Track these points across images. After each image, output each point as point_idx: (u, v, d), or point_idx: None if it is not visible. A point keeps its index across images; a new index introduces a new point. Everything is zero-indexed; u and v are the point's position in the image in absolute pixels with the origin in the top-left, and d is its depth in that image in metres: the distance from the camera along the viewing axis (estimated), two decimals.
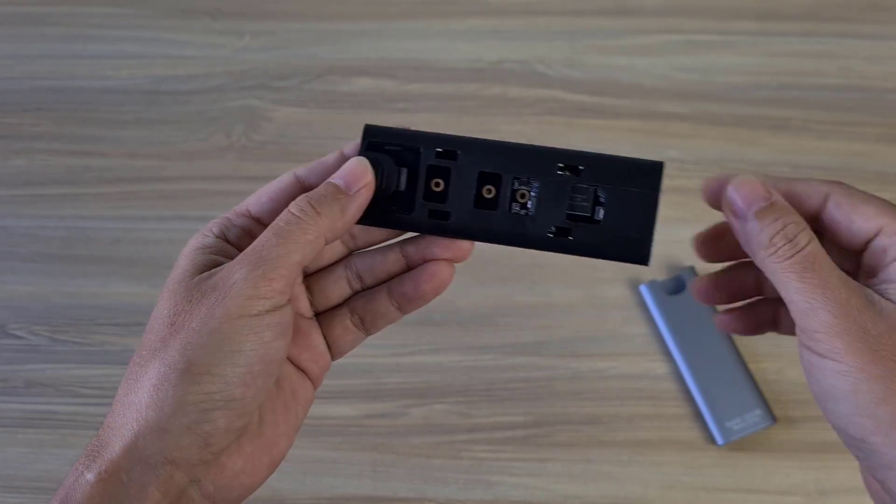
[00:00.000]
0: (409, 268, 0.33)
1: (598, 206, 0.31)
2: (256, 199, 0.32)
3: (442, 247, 0.33)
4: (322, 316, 0.34)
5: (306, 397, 0.33)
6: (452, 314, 0.62)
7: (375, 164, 0.31)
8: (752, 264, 0.30)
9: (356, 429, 0.60)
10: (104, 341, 0.62)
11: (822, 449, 0.58)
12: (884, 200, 0.30)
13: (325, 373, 0.34)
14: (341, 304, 0.34)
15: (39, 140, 0.68)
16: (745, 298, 0.35)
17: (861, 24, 0.71)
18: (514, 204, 0.32)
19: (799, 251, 0.27)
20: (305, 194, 0.30)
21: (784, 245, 0.28)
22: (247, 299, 0.28)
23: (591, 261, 0.63)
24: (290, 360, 0.33)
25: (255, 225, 0.32)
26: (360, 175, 0.31)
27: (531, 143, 0.33)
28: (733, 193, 0.29)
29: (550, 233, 0.32)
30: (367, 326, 0.34)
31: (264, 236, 0.29)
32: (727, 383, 0.57)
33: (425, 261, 0.33)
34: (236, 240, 0.31)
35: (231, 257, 0.30)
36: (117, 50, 0.70)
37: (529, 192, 0.32)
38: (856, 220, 0.29)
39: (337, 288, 0.34)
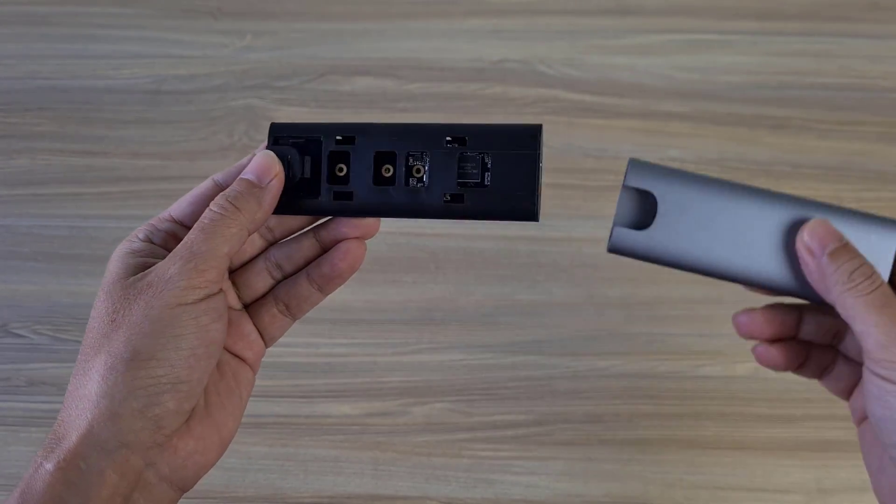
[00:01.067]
0: (324, 251, 0.36)
1: (486, 171, 0.34)
2: (178, 205, 0.34)
3: (350, 226, 0.35)
4: (250, 307, 0.36)
5: (247, 380, 0.35)
6: (453, 313, 0.62)
7: (281, 156, 0.34)
8: (792, 307, 0.34)
9: (357, 427, 0.60)
10: None
11: (823, 447, 0.58)
12: None
13: (261, 358, 0.37)
14: (266, 293, 0.36)
15: (42, 139, 0.68)
16: (782, 337, 0.36)
17: (861, 24, 0.71)
18: (410, 179, 0.34)
19: (878, 287, 0.30)
20: (223, 192, 0.32)
21: (864, 281, 0.30)
22: (183, 290, 0.30)
23: (592, 260, 0.63)
24: (227, 349, 0.35)
25: (179, 228, 0.34)
26: (268, 167, 0.33)
27: (424, 121, 0.35)
28: (809, 236, 0.32)
29: (445, 200, 0.34)
30: (292, 312, 0.37)
31: (192, 234, 0.31)
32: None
33: (337, 242, 0.35)
34: (162, 243, 0.33)
35: (160, 258, 0.32)
36: (119, 50, 0.71)
37: (423, 166, 0.34)
38: None
39: (260, 279, 0.36)
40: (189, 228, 0.33)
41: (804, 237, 0.32)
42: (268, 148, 0.35)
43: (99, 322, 0.31)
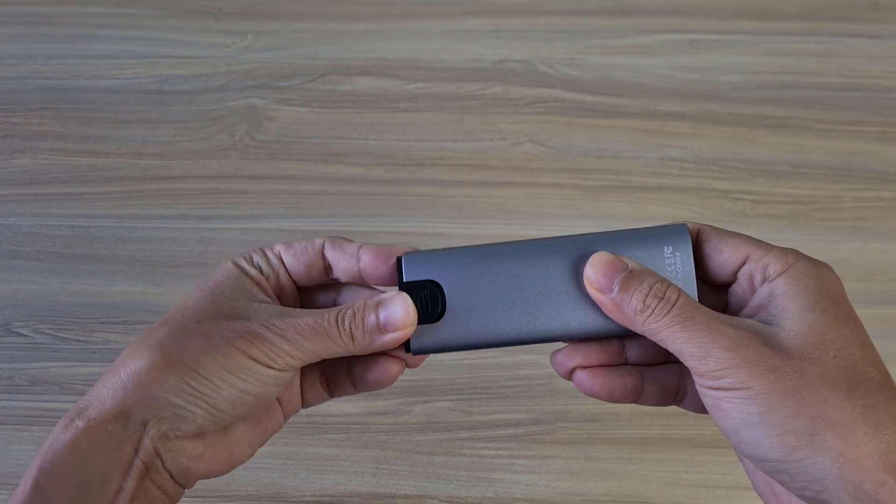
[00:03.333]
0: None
1: None
2: (288, 251, 0.34)
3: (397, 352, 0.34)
4: (304, 368, 0.36)
5: (276, 423, 0.36)
6: None
7: (413, 297, 0.32)
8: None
9: (359, 426, 0.60)
10: (108, 339, 0.62)
11: None
12: (746, 235, 0.31)
13: (293, 415, 0.37)
14: (318, 363, 0.35)
15: (44, 139, 0.68)
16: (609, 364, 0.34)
17: (861, 24, 0.71)
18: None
19: (673, 305, 0.29)
20: (353, 309, 0.32)
21: (658, 304, 0.29)
22: (265, 356, 0.30)
23: None
24: None
25: (283, 273, 0.34)
26: (401, 325, 0.32)
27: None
28: (592, 273, 0.31)
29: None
30: (329, 390, 0.36)
31: (306, 322, 0.31)
32: None
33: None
34: (267, 277, 0.34)
35: (263, 289, 0.33)
36: (121, 50, 0.71)
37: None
38: (725, 250, 0.31)
39: None
40: (289, 277, 0.34)
41: (589, 276, 0.31)
42: (400, 286, 0.33)
43: (189, 315, 0.32)
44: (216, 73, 0.70)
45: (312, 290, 0.36)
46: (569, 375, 0.33)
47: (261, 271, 0.34)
